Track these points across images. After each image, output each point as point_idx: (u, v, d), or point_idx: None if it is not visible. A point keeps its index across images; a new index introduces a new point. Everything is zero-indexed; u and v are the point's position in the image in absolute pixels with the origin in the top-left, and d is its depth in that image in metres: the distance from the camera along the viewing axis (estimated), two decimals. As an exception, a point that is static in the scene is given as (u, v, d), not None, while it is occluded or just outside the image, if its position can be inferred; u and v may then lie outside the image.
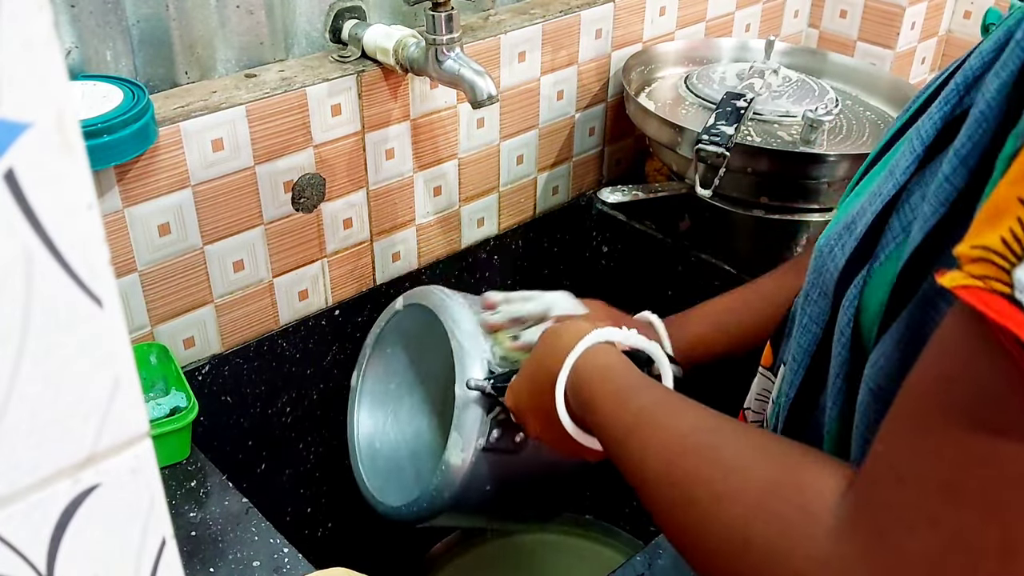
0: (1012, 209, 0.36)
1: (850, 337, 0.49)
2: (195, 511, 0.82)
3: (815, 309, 0.53)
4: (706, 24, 1.37)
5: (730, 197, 1.13)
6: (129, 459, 0.28)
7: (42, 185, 0.23)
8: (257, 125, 0.93)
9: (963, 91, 0.46)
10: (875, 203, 0.49)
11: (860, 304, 0.48)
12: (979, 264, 0.36)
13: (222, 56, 0.97)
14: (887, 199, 0.48)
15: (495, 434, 0.84)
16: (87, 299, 0.25)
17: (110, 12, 0.87)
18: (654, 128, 1.15)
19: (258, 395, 1.07)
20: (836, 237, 0.51)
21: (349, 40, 1.02)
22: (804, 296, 0.55)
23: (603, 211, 1.27)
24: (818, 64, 1.31)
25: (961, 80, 0.46)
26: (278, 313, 1.05)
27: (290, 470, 1.15)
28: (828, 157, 1.06)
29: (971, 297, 0.36)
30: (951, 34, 1.53)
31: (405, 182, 1.10)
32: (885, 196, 0.48)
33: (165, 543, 0.30)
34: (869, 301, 0.48)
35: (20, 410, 0.25)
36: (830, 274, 0.51)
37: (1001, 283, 0.35)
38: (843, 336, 0.49)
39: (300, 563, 0.78)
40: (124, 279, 0.91)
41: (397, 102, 1.04)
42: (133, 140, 0.81)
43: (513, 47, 1.13)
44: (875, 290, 0.47)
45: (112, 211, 0.87)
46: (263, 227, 0.99)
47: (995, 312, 0.35)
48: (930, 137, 0.47)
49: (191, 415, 0.84)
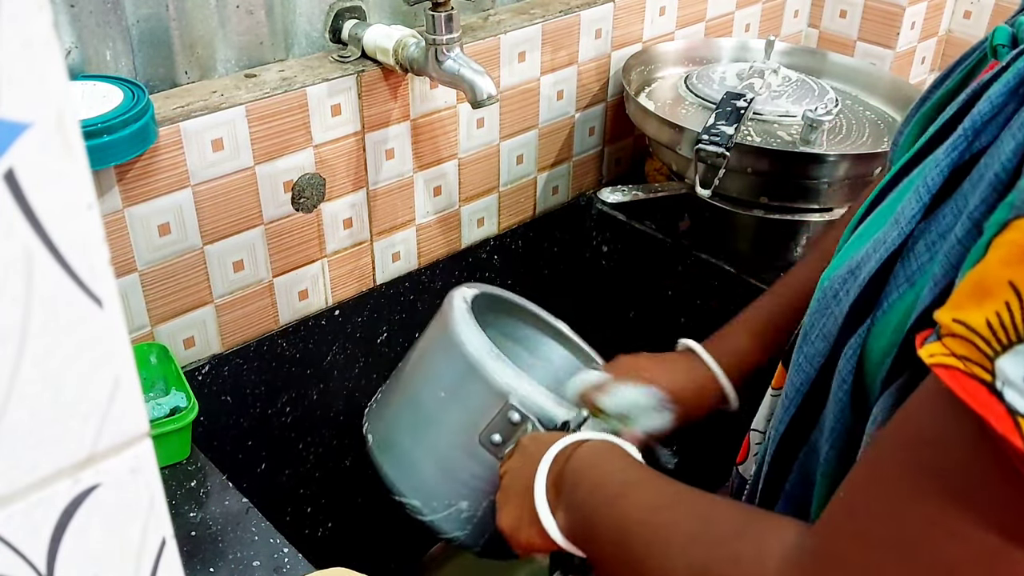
0: (1001, 292, 0.35)
1: (851, 385, 0.48)
2: (195, 511, 0.82)
3: (812, 350, 0.53)
4: (706, 24, 1.37)
5: (730, 197, 1.13)
6: (129, 459, 0.28)
7: (42, 185, 0.23)
8: (257, 125, 0.93)
9: (971, 137, 0.45)
10: (880, 251, 0.48)
11: (863, 352, 0.48)
12: (960, 342, 0.36)
13: (222, 56, 0.97)
14: (892, 248, 0.47)
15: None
16: (87, 299, 0.25)
17: (110, 12, 0.87)
18: (654, 128, 1.15)
19: (258, 395, 1.07)
20: (840, 281, 0.51)
21: (349, 40, 1.02)
22: (803, 335, 0.54)
23: (603, 211, 1.27)
24: (818, 64, 1.31)
25: (970, 125, 0.45)
26: (278, 313, 1.05)
27: (290, 470, 1.15)
28: (828, 157, 1.06)
29: (950, 380, 0.36)
30: (951, 34, 1.53)
31: (405, 182, 1.10)
32: (890, 245, 0.47)
33: (165, 543, 0.30)
34: (872, 348, 0.47)
35: (20, 410, 0.25)
36: (834, 319, 0.50)
37: (982, 369, 0.35)
38: (844, 384, 0.49)
39: (300, 563, 0.78)
40: (124, 279, 0.91)
41: (397, 102, 1.04)
42: (133, 140, 0.81)
43: (513, 47, 1.13)
44: (878, 338, 0.47)
45: (112, 211, 0.87)
46: (263, 227, 0.99)
47: (973, 399, 0.35)
48: (936, 186, 0.46)
49: (191, 415, 0.84)
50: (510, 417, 0.81)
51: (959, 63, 0.59)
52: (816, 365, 0.52)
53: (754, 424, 0.70)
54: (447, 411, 0.86)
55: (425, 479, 0.86)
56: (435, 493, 0.86)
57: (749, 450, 0.71)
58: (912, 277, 0.45)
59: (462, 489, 0.85)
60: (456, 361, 0.85)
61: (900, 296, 0.46)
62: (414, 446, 0.87)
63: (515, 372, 0.83)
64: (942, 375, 0.36)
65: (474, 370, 0.83)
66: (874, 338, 0.47)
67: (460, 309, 0.88)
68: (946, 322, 0.37)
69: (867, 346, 0.47)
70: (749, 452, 0.71)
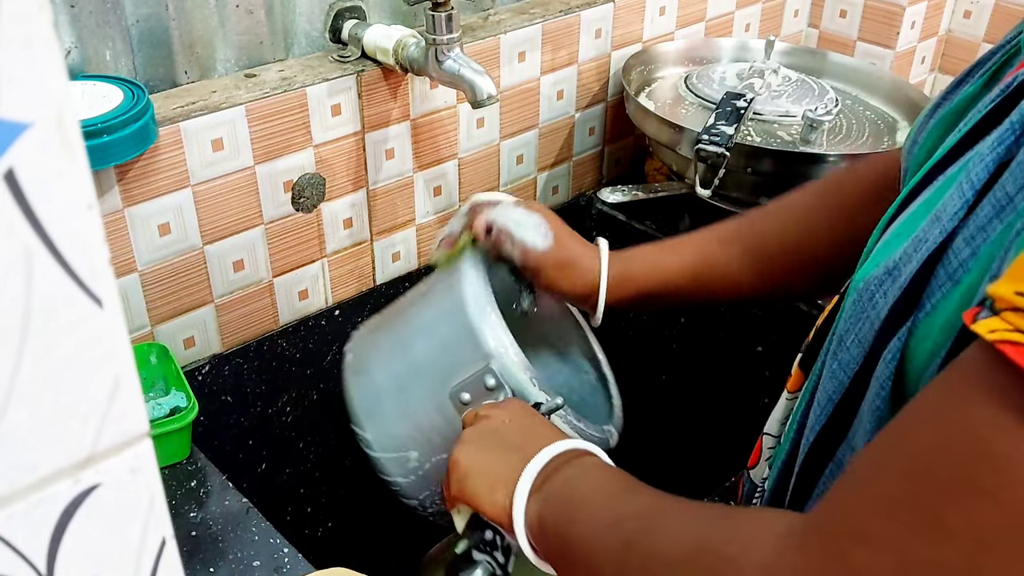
0: None
1: (890, 391, 0.47)
2: (195, 511, 0.82)
3: (847, 356, 0.51)
4: (706, 24, 1.37)
5: (730, 197, 1.13)
6: (129, 459, 0.28)
7: (42, 185, 0.23)
8: (257, 125, 0.93)
9: (1020, 131, 0.44)
10: (921, 250, 0.46)
11: (904, 355, 0.46)
12: (1020, 315, 0.34)
13: (222, 56, 0.97)
14: (934, 247, 0.45)
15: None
16: (87, 299, 0.25)
17: (110, 12, 0.87)
18: (654, 128, 1.15)
19: (258, 395, 1.07)
20: (877, 283, 0.48)
21: (349, 40, 1.02)
22: (837, 340, 0.52)
23: (603, 211, 1.27)
24: (818, 64, 1.31)
25: (1017, 119, 0.44)
26: (278, 313, 1.05)
27: (290, 470, 1.15)
28: (828, 157, 1.06)
29: (1018, 356, 0.34)
30: (951, 34, 1.53)
31: (405, 182, 1.10)
32: (932, 244, 0.45)
33: (165, 543, 0.30)
34: (915, 352, 0.45)
35: (20, 410, 0.25)
36: (870, 322, 0.48)
37: None
38: (883, 390, 0.47)
39: (300, 563, 0.78)
40: (124, 279, 0.91)
41: (397, 102, 1.04)
42: (133, 140, 0.81)
43: (513, 47, 1.13)
44: (921, 341, 0.45)
45: (112, 211, 0.87)
46: (263, 227, 0.99)
47: None
48: (981, 181, 0.44)
49: (191, 415, 0.84)
50: (486, 381, 0.80)
51: (978, 66, 0.58)
52: (851, 372, 0.50)
53: (767, 428, 0.68)
54: (428, 355, 0.84)
55: (385, 414, 0.85)
56: (390, 432, 0.84)
57: (761, 454, 0.70)
58: (955, 275, 0.44)
59: (417, 436, 0.83)
60: (456, 311, 0.82)
61: (944, 296, 0.44)
62: (385, 379, 0.85)
63: (509, 341, 0.81)
64: (1008, 351, 0.35)
65: (469, 324, 0.81)
66: (917, 341, 0.45)
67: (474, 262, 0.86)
68: (1007, 295, 0.35)
69: (908, 350, 0.46)
70: (761, 456, 0.70)
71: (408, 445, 0.84)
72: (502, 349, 0.80)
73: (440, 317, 0.84)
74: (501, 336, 0.81)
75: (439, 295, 0.86)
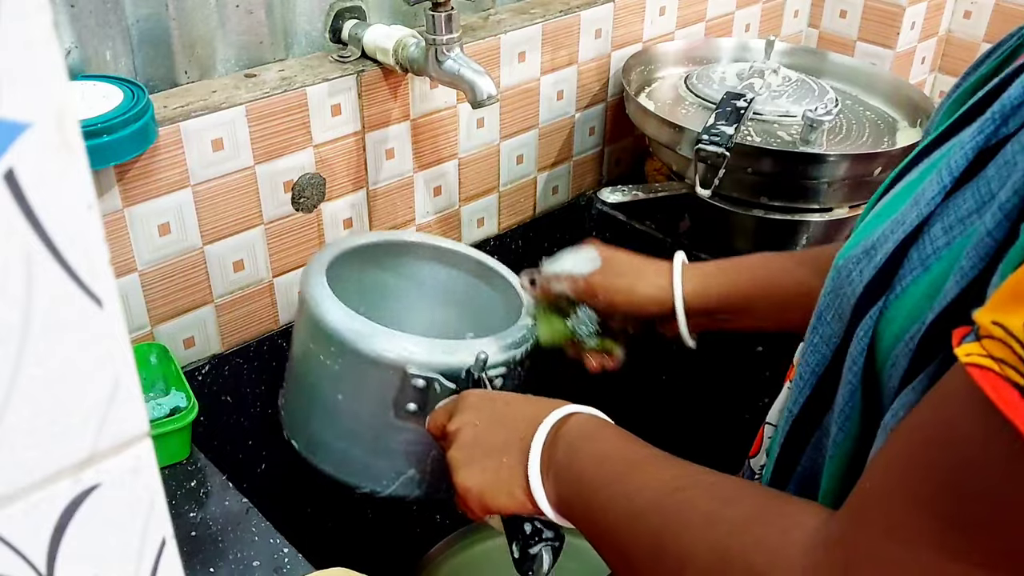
0: None
1: (862, 366, 0.48)
2: (195, 511, 0.82)
3: (827, 330, 0.52)
4: (706, 24, 1.37)
5: (730, 197, 1.13)
6: (129, 459, 0.28)
7: (42, 185, 0.23)
8: (257, 125, 0.93)
9: (999, 121, 0.44)
10: (897, 232, 0.47)
11: (875, 334, 0.47)
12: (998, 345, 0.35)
13: (222, 56, 0.97)
14: (909, 230, 0.46)
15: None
16: (87, 299, 0.25)
17: (110, 12, 0.87)
18: (654, 128, 1.15)
19: (258, 395, 1.07)
20: (855, 261, 0.50)
21: (349, 40, 1.02)
22: (817, 316, 0.53)
23: (603, 211, 1.27)
24: (818, 64, 1.31)
25: (998, 109, 0.44)
26: (278, 313, 1.05)
27: (290, 470, 1.15)
28: (828, 157, 1.06)
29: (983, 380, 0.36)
30: (951, 34, 1.53)
31: (405, 182, 1.10)
32: (908, 226, 0.46)
33: (165, 543, 0.30)
34: (884, 332, 0.46)
35: (20, 410, 0.25)
36: (847, 298, 0.50)
37: (1018, 373, 0.35)
38: (855, 365, 0.48)
39: (300, 563, 0.78)
40: (124, 279, 0.91)
41: (397, 102, 1.04)
42: (133, 140, 0.81)
43: (513, 47, 1.13)
44: (890, 323, 0.46)
45: (112, 211, 0.87)
46: (263, 227, 0.99)
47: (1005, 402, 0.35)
48: (960, 169, 0.45)
49: (191, 415, 0.84)
50: (414, 384, 0.81)
51: (997, 48, 0.58)
52: (832, 347, 0.51)
53: (768, 417, 0.69)
54: (352, 403, 0.85)
55: (366, 465, 0.87)
56: (380, 473, 0.87)
57: (762, 444, 0.71)
58: (927, 261, 0.45)
59: (402, 458, 0.86)
60: (337, 353, 0.83)
61: (914, 280, 0.45)
62: (338, 441, 0.87)
63: (396, 339, 0.81)
64: (975, 374, 0.36)
65: (358, 356, 0.82)
66: (886, 322, 0.46)
67: (319, 295, 0.85)
68: (985, 323, 0.36)
69: (878, 330, 0.47)
70: (762, 446, 0.71)
71: (401, 468, 0.86)
72: (401, 351, 0.81)
73: (334, 366, 0.85)
74: (393, 344, 0.81)
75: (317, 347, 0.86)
